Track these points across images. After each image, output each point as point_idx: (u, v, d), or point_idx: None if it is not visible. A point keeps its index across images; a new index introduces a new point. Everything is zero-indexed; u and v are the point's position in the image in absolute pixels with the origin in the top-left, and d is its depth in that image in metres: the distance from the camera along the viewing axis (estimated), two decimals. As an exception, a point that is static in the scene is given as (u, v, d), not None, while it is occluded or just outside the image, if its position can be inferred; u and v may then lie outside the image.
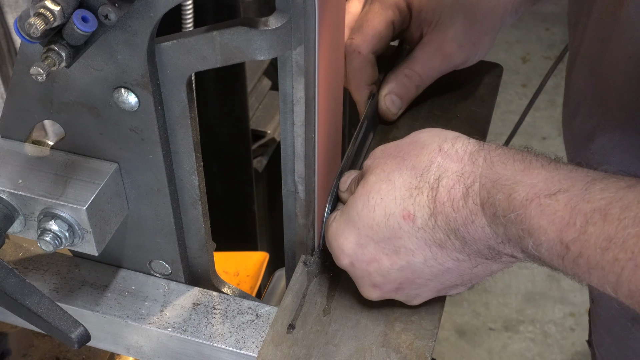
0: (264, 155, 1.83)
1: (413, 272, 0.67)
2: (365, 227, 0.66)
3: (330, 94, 0.71)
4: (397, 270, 0.67)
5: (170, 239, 0.76)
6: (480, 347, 2.40)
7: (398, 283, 0.68)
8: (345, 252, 0.69)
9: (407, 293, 0.70)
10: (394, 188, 0.65)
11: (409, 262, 0.66)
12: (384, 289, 0.69)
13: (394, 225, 0.65)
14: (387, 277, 0.68)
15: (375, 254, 0.67)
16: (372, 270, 0.68)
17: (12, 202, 0.68)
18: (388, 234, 0.65)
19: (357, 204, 0.67)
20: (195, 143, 0.69)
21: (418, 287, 0.69)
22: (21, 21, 0.54)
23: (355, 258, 0.68)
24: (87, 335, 0.66)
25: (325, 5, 0.62)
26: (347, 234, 0.68)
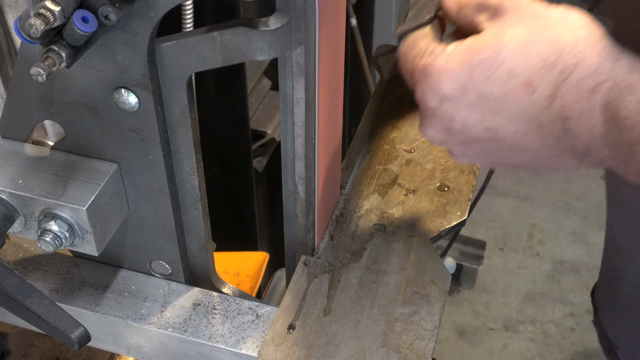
0: (264, 155, 1.83)
1: (494, 137, 0.64)
2: (481, 77, 0.62)
3: (330, 94, 0.71)
4: (482, 129, 0.64)
5: (170, 239, 0.76)
6: (480, 347, 2.40)
7: (471, 139, 0.66)
8: (442, 89, 0.64)
9: (468, 151, 0.68)
10: (529, 54, 0.61)
11: (499, 127, 0.63)
12: (453, 139, 0.67)
13: (511, 88, 0.62)
14: (466, 130, 0.65)
15: (473, 104, 0.63)
16: (459, 117, 0.64)
17: (12, 202, 0.68)
18: (499, 93, 0.62)
19: (485, 50, 0.62)
20: (196, 143, 0.69)
21: (485, 150, 0.66)
22: (21, 21, 0.54)
23: (450, 98, 0.64)
24: (87, 335, 0.66)
25: (325, 6, 0.62)
26: (457, 73, 0.63)
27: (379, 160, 0.90)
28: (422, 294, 0.75)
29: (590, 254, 2.67)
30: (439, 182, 0.87)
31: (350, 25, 2.16)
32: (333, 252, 0.79)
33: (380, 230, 0.82)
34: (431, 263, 0.78)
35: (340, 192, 0.86)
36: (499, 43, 0.62)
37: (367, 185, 0.87)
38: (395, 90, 1.00)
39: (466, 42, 0.64)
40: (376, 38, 2.46)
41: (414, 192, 0.86)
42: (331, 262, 0.78)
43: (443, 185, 0.87)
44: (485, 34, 0.63)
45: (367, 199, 0.85)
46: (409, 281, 0.76)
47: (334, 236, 0.81)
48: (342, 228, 0.82)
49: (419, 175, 0.88)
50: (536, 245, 2.71)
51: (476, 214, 2.91)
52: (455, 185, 0.87)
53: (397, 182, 0.87)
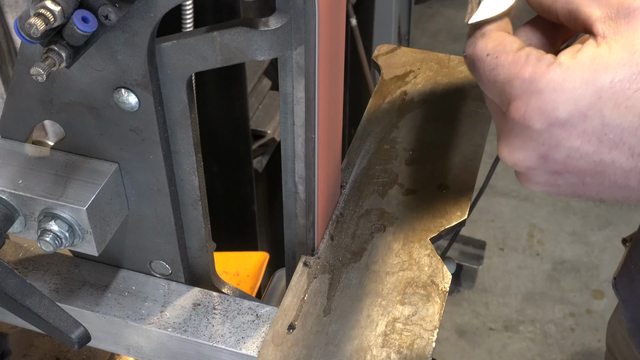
0: (264, 155, 1.83)
1: (599, 173, 0.55)
2: (609, 103, 0.52)
3: (330, 94, 0.71)
4: (589, 162, 0.55)
5: (170, 239, 0.76)
6: (480, 347, 2.40)
7: (567, 170, 0.56)
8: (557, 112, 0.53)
9: (555, 181, 0.58)
10: None
11: (612, 163, 0.54)
12: (545, 167, 0.57)
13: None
14: (569, 161, 0.55)
15: (589, 134, 0.53)
16: (566, 146, 0.54)
17: (12, 202, 0.68)
18: (628, 125, 0.52)
19: (617, 70, 0.51)
20: (196, 143, 0.69)
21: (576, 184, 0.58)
22: (21, 21, 0.54)
23: (563, 124, 0.53)
24: (87, 335, 0.66)
25: (325, 6, 0.62)
26: (579, 95, 0.52)
27: (379, 160, 0.90)
28: (422, 294, 0.75)
29: (590, 254, 2.67)
30: (439, 182, 0.87)
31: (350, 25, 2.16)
32: (333, 252, 0.79)
33: (380, 230, 0.82)
34: (431, 263, 0.78)
35: (340, 192, 0.86)
36: (634, 62, 0.51)
37: (367, 185, 0.87)
38: (395, 90, 1.00)
39: (587, 53, 0.53)
40: (376, 38, 2.47)
41: (414, 192, 0.86)
42: (331, 262, 0.78)
43: (443, 185, 0.87)
44: (613, 46, 0.52)
45: (367, 199, 0.85)
46: (409, 281, 0.76)
47: (334, 236, 0.81)
48: (342, 228, 0.82)
49: (419, 175, 0.88)
50: (536, 245, 2.71)
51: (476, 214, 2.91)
52: (455, 185, 0.87)
53: (397, 182, 0.87)
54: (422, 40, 3.61)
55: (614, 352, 1.20)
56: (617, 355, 1.18)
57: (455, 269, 0.83)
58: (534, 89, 0.53)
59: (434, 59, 1.05)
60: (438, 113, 0.97)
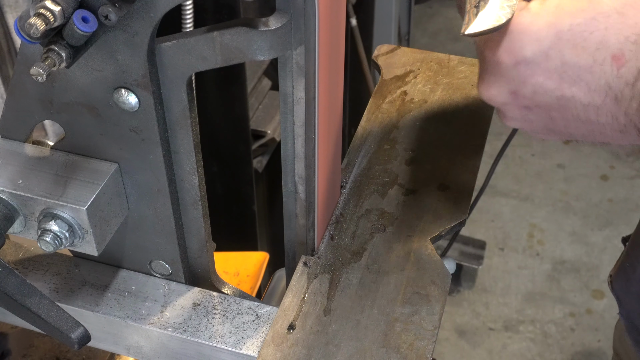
0: (264, 155, 1.83)
1: (563, 106, 0.61)
2: (568, 44, 0.58)
3: (330, 94, 0.71)
4: (553, 97, 0.60)
5: (170, 239, 0.76)
6: (480, 347, 2.40)
7: (535, 105, 0.62)
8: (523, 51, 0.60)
9: (526, 116, 0.64)
10: (624, 24, 0.56)
11: (572, 97, 0.60)
12: (516, 102, 0.63)
13: (598, 59, 0.57)
14: (535, 96, 0.61)
15: (551, 71, 0.59)
16: (532, 82, 0.60)
17: (12, 202, 0.68)
18: (584, 63, 0.58)
19: (576, 15, 0.57)
20: (196, 143, 0.69)
21: (545, 118, 0.63)
22: (21, 21, 0.54)
23: (529, 62, 0.60)
24: (87, 335, 0.66)
25: (325, 6, 0.62)
26: (542, 35, 0.59)
27: (379, 160, 0.90)
28: (422, 294, 0.75)
29: (590, 254, 2.67)
30: (439, 182, 0.87)
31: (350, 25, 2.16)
32: (333, 252, 0.79)
33: (380, 230, 0.82)
34: (431, 263, 0.78)
35: (340, 192, 0.86)
36: (592, 8, 0.57)
37: (367, 185, 0.87)
38: (395, 90, 1.00)
39: (553, 0, 0.59)
40: (376, 38, 2.47)
41: (414, 192, 0.86)
42: (331, 262, 0.78)
43: (443, 185, 0.87)
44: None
45: (367, 199, 0.85)
46: (409, 281, 0.76)
47: (334, 236, 0.81)
48: (342, 228, 0.82)
49: (419, 175, 0.88)
50: (536, 245, 2.71)
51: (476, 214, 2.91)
52: (455, 185, 0.87)
53: (397, 182, 0.87)
54: (422, 40, 3.61)
55: (620, 355, 1.20)
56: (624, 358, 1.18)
57: (455, 269, 0.83)
58: (505, 30, 0.60)
59: (434, 59, 1.05)
60: (438, 113, 0.97)
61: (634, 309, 1.01)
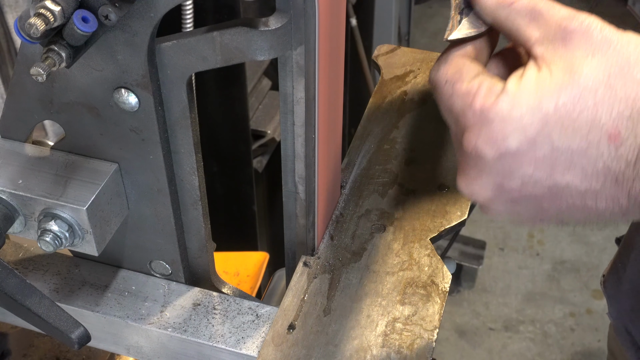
0: (264, 155, 1.83)
1: (556, 197, 0.55)
2: (556, 128, 0.52)
3: (330, 94, 0.71)
4: (544, 187, 0.55)
5: (170, 239, 0.76)
6: (480, 347, 2.40)
7: (523, 197, 0.56)
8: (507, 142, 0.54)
9: (514, 209, 0.58)
10: (615, 99, 0.51)
11: (566, 186, 0.54)
12: (502, 196, 0.57)
13: (593, 141, 0.52)
14: (524, 188, 0.55)
15: (541, 160, 0.54)
16: (520, 174, 0.55)
17: (12, 202, 0.68)
18: (576, 147, 0.52)
19: (560, 94, 0.52)
20: (196, 143, 0.69)
21: (535, 209, 0.57)
22: (21, 21, 0.54)
23: (514, 153, 0.54)
24: (87, 335, 0.66)
25: (325, 5, 0.62)
26: (526, 123, 0.53)
27: (379, 160, 0.90)
28: (422, 294, 0.75)
29: (590, 254, 2.67)
30: (439, 182, 0.87)
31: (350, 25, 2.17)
32: (333, 252, 0.79)
33: (380, 230, 0.82)
34: (431, 263, 0.78)
35: (340, 192, 0.86)
36: (575, 84, 0.52)
37: (367, 185, 0.87)
38: (395, 90, 1.00)
39: (530, 79, 0.54)
40: (376, 38, 2.47)
41: (414, 192, 0.86)
42: (331, 262, 0.78)
43: (443, 185, 0.87)
44: (554, 70, 0.53)
45: (367, 199, 0.85)
46: (409, 281, 0.76)
47: (334, 236, 0.81)
48: (342, 228, 0.82)
49: (419, 175, 0.88)
50: (536, 245, 2.71)
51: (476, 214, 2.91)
52: (455, 185, 0.87)
53: (397, 182, 0.87)
54: (422, 40, 3.61)
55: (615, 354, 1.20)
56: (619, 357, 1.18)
57: (455, 269, 0.83)
58: (484, 120, 0.54)
59: (434, 59, 1.05)
60: (438, 113, 0.97)
61: (624, 308, 1.01)
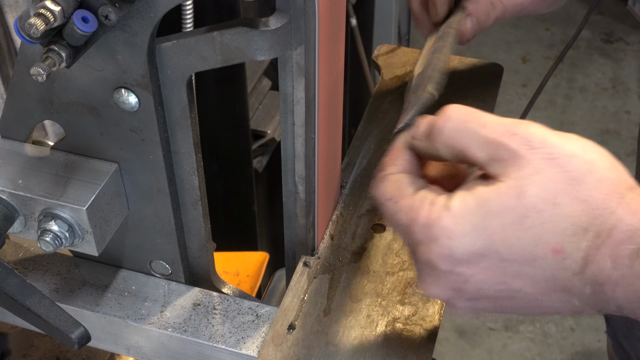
0: (264, 155, 1.83)
1: (512, 298, 0.59)
2: (503, 244, 0.55)
3: (330, 94, 0.71)
4: (499, 290, 0.58)
5: (170, 239, 0.76)
6: (480, 347, 2.40)
7: (483, 298, 0.59)
8: (455, 254, 0.56)
9: (475, 305, 0.61)
10: (560, 217, 0.54)
11: (519, 290, 0.57)
12: (460, 296, 0.60)
13: (538, 255, 0.55)
14: (480, 291, 0.59)
15: (491, 269, 0.57)
16: (474, 280, 0.58)
17: (12, 202, 0.68)
18: (524, 259, 0.55)
19: (505, 214, 0.55)
20: (196, 143, 0.69)
21: (495, 306, 0.61)
22: (21, 21, 0.54)
23: (465, 263, 0.57)
24: (87, 335, 0.66)
25: (325, 6, 0.62)
26: (472, 239, 0.56)
27: (379, 160, 0.90)
28: (422, 294, 0.75)
29: (590, 254, 2.66)
30: (439, 182, 0.87)
31: (350, 25, 2.16)
32: (333, 252, 0.79)
33: (380, 230, 0.82)
34: (431, 263, 0.78)
35: (340, 192, 0.86)
36: (521, 205, 0.54)
37: (367, 185, 0.87)
38: (395, 90, 1.00)
39: (476, 197, 0.56)
40: (376, 38, 2.47)
41: (414, 192, 0.86)
42: (331, 262, 0.78)
43: (443, 185, 0.87)
44: (502, 189, 0.55)
45: (367, 199, 0.85)
46: (409, 281, 0.76)
47: (334, 236, 0.81)
48: (342, 228, 0.82)
49: (419, 175, 0.88)
50: (536, 245, 2.71)
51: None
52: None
53: (397, 182, 0.87)
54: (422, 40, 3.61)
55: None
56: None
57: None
58: (431, 236, 0.57)
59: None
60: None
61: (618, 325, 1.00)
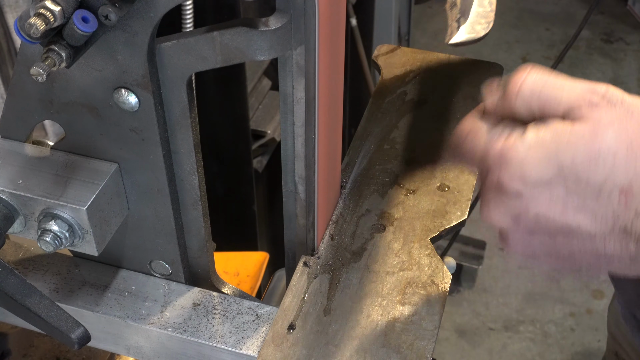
0: (264, 155, 1.83)
1: (569, 235, 0.60)
2: (571, 176, 0.57)
3: (330, 94, 0.71)
4: (558, 224, 0.59)
5: (170, 239, 0.76)
6: (480, 347, 2.40)
7: (540, 232, 0.61)
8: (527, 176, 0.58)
9: (530, 241, 0.63)
10: (632, 161, 0.56)
11: (577, 227, 0.59)
12: (519, 227, 0.62)
13: (605, 191, 0.57)
14: (539, 222, 0.60)
15: (556, 198, 0.58)
16: (536, 208, 0.60)
17: (12, 202, 0.68)
18: (590, 194, 0.57)
19: (579, 151, 0.57)
20: (196, 143, 0.69)
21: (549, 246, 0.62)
22: (21, 21, 0.54)
23: (533, 187, 0.59)
24: (87, 335, 0.66)
25: (325, 6, 0.62)
26: (541, 167, 0.58)
27: (379, 160, 0.90)
28: (422, 294, 0.75)
29: (590, 254, 2.67)
30: (439, 182, 0.87)
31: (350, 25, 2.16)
32: (333, 252, 0.79)
33: (380, 230, 0.82)
34: (431, 263, 0.78)
35: (340, 192, 0.86)
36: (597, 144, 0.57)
37: (367, 185, 0.87)
38: (395, 90, 1.00)
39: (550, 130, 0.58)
40: (376, 38, 2.46)
41: (414, 192, 0.86)
42: (331, 262, 0.78)
43: (443, 185, 0.87)
44: (577, 127, 0.58)
45: (367, 199, 0.85)
46: (409, 281, 0.76)
47: (334, 236, 0.81)
48: (342, 228, 0.82)
49: (419, 175, 0.88)
50: (536, 245, 2.71)
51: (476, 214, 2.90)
52: (455, 185, 0.87)
53: (397, 182, 0.87)
54: (422, 40, 3.61)
55: (617, 337, 1.21)
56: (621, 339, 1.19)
57: (455, 269, 0.83)
58: (504, 160, 0.60)
59: (434, 59, 1.05)
60: (438, 113, 0.97)
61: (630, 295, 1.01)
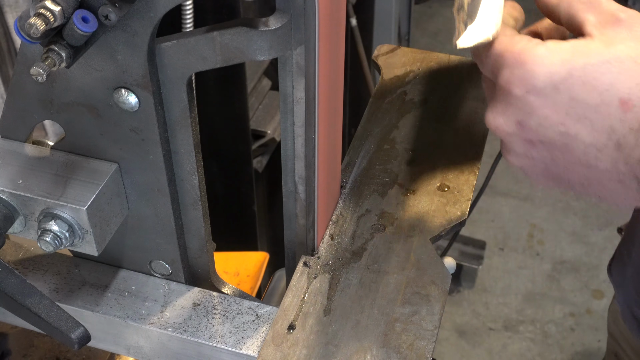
0: (264, 155, 1.83)
1: (566, 144, 0.62)
2: (579, 80, 0.60)
3: (330, 94, 0.71)
4: (557, 132, 0.61)
5: (170, 239, 0.76)
6: (480, 347, 2.40)
7: (539, 139, 0.63)
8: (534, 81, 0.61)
9: (529, 151, 0.64)
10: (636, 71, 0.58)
11: (576, 136, 0.61)
12: (521, 134, 0.63)
13: (605, 100, 0.59)
14: (540, 129, 0.62)
15: (558, 105, 0.60)
16: (539, 113, 0.61)
17: (12, 202, 0.68)
18: (591, 101, 0.59)
19: (591, 56, 0.59)
20: (196, 143, 0.69)
21: (547, 157, 0.64)
22: (21, 21, 0.54)
23: (537, 92, 0.61)
24: (87, 335, 0.66)
25: (325, 6, 0.62)
26: (554, 69, 0.60)
27: (379, 160, 0.90)
28: (422, 294, 0.75)
29: (590, 254, 2.67)
30: (439, 182, 0.87)
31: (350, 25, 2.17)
32: (333, 252, 0.79)
33: (380, 230, 0.82)
34: (431, 263, 0.78)
35: (340, 192, 0.86)
36: (607, 52, 0.59)
37: (367, 185, 0.87)
38: (395, 90, 1.00)
39: (570, 41, 0.61)
40: (376, 38, 2.47)
41: (414, 192, 0.86)
42: (331, 262, 0.78)
43: (443, 185, 0.87)
44: (594, 40, 0.61)
45: (367, 199, 0.85)
46: (409, 281, 0.76)
47: (334, 236, 0.81)
48: (342, 228, 0.82)
49: (419, 175, 0.88)
50: (536, 245, 2.72)
51: (476, 214, 2.91)
52: (455, 185, 0.87)
53: (397, 182, 0.87)
54: (422, 40, 3.61)
55: (616, 337, 1.21)
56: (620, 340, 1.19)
57: (455, 269, 0.83)
58: (520, 60, 0.61)
59: (434, 59, 1.05)
60: (438, 113, 0.97)
61: (630, 293, 1.02)
